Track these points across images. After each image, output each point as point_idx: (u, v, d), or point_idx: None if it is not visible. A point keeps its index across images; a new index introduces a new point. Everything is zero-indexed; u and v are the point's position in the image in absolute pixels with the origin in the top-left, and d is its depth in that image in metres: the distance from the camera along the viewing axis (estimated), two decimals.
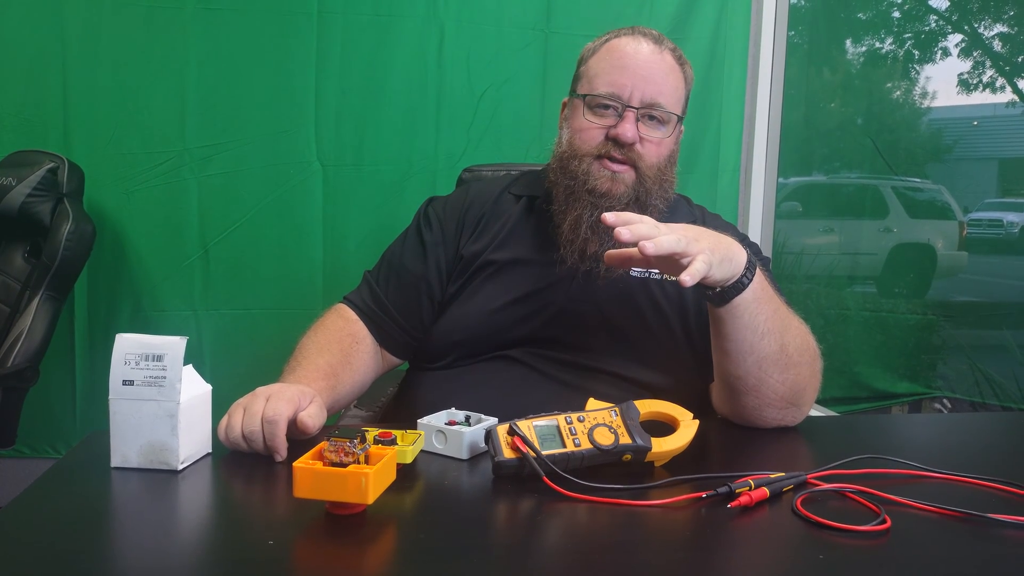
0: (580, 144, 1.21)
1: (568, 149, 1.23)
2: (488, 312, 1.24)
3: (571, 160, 1.22)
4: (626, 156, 1.19)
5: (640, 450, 0.90)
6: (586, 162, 1.20)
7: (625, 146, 1.18)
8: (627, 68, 1.20)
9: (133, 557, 0.71)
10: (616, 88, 1.19)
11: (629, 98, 1.19)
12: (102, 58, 2.15)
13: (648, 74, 1.19)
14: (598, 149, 1.20)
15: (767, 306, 1.04)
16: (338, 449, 0.76)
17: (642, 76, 1.19)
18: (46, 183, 2.00)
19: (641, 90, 1.19)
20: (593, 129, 1.21)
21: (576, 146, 1.22)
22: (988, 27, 4.16)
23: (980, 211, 4.37)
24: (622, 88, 1.19)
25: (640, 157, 1.19)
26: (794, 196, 3.83)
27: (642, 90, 1.19)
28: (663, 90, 1.20)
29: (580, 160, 1.21)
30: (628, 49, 1.21)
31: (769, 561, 0.74)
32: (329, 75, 2.22)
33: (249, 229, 2.24)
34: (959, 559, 0.73)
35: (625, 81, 1.19)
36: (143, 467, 0.88)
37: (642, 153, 1.19)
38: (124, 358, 0.87)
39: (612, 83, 1.20)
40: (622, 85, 1.19)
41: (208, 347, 2.25)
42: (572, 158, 1.22)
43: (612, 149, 1.19)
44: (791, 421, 1.11)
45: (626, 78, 1.19)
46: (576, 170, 1.21)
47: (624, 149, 1.19)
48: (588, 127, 1.21)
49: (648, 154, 1.20)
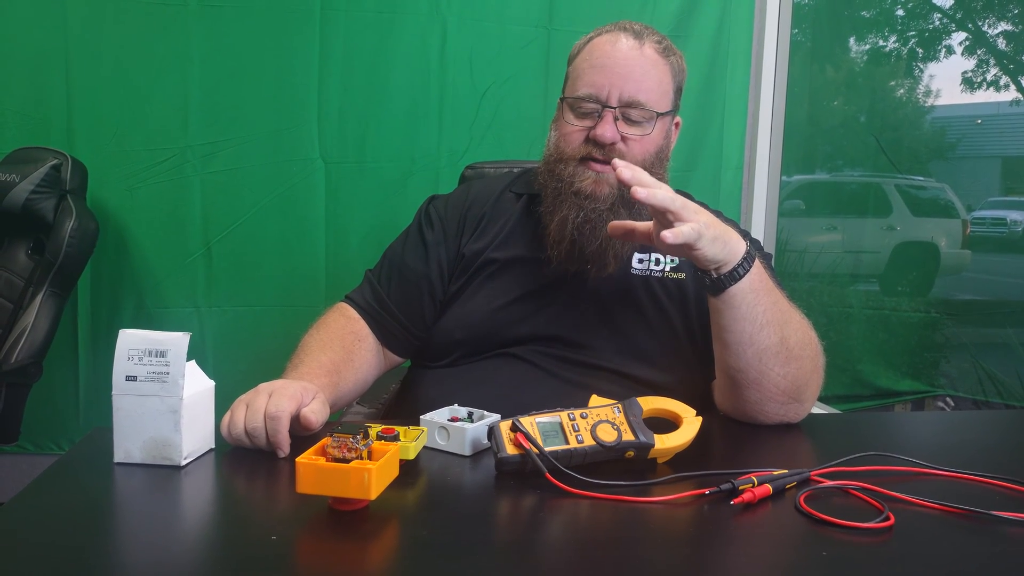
0: (564, 147, 1.22)
1: (554, 152, 1.23)
2: (490, 311, 1.24)
3: (557, 163, 1.22)
4: (608, 156, 1.18)
5: (643, 447, 0.90)
6: (571, 165, 1.20)
7: (606, 146, 1.18)
8: (604, 67, 1.19)
9: (136, 553, 0.71)
10: (594, 88, 1.19)
11: (607, 98, 1.18)
12: (105, 55, 2.15)
13: (626, 71, 1.18)
14: (580, 151, 1.20)
15: (766, 298, 1.04)
16: (341, 445, 0.76)
17: (620, 74, 1.18)
18: (49, 180, 2.00)
19: (619, 88, 1.18)
20: (575, 131, 1.20)
21: (561, 149, 1.22)
22: (992, 25, 4.15)
23: (983, 209, 4.36)
24: (600, 88, 1.18)
25: (623, 156, 1.18)
26: (797, 194, 3.83)
27: (620, 88, 1.18)
28: (642, 87, 1.18)
29: (565, 163, 1.21)
30: (606, 47, 1.20)
31: (772, 558, 0.74)
32: (332, 72, 2.22)
33: (252, 226, 2.24)
34: (962, 556, 0.73)
35: (603, 81, 1.18)
36: (146, 463, 0.88)
37: (625, 152, 1.18)
38: (127, 354, 0.88)
39: (590, 83, 1.19)
40: (600, 85, 1.18)
41: (211, 343, 2.26)
42: (558, 161, 1.22)
43: (594, 150, 1.19)
44: (793, 417, 1.11)
45: (604, 77, 1.18)
46: (562, 173, 1.21)
47: (605, 149, 1.18)
48: (571, 130, 1.21)
49: (632, 152, 1.19)
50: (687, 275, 1.24)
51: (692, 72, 1.71)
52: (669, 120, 1.24)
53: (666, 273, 1.25)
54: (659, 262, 1.25)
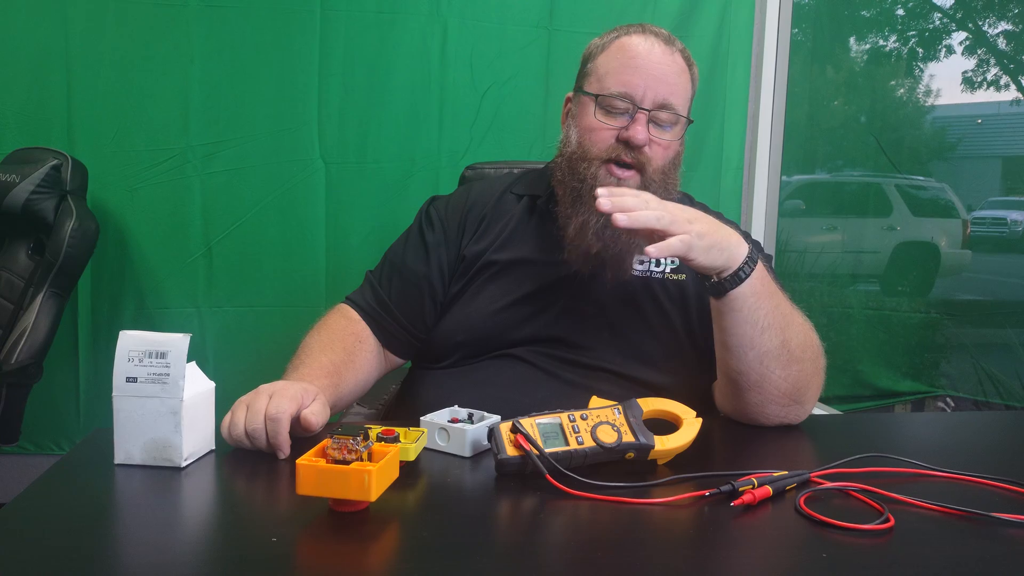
0: (590, 145, 1.20)
1: (577, 149, 1.21)
2: (491, 313, 1.24)
3: (580, 162, 1.20)
4: (635, 159, 1.17)
5: (643, 448, 0.90)
6: (594, 165, 1.19)
7: (635, 148, 1.17)
8: (639, 68, 1.18)
9: (136, 554, 0.71)
10: (628, 88, 1.17)
11: (642, 99, 1.17)
12: (106, 55, 2.15)
13: (661, 75, 1.18)
14: (608, 152, 1.18)
15: (767, 301, 1.04)
16: (341, 446, 0.76)
17: (655, 77, 1.17)
18: (50, 180, 2.00)
19: (654, 91, 1.17)
20: (604, 130, 1.19)
21: (586, 147, 1.20)
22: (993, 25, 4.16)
23: (984, 209, 4.36)
24: (635, 88, 1.17)
25: (649, 160, 1.18)
26: (797, 194, 3.83)
27: (655, 91, 1.17)
28: (675, 91, 1.18)
29: (589, 163, 1.19)
30: (640, 48, 1.19)
31: (772, 559, 0.74)
32: (332, 72, 2.22)
33: (252, 226, 2.24)
34: (962, 558, 0.73)
35: (638, 81, 1.17)
36: (146, 464, 0.88)
37: (650, 156, 1.18)
38: (128, 355, 0.88)
39: (624, 83, 1.18)
40: (635, 85, 1.17)
41: (211, 344, 2.25)
42: (581, 160, 1.20)
43: (623, 152, 1.17)
44: (794, 419, 1.11)
45: (639, 78, 1.17)
46: (584, 173, 1.19)
47: (634, 152, 1.17)
48: (599, 127, 1.19)
49: (656, 157, 1.19)
50: (688, 276, 1.24)
51: None
52: (685, 127, 1.25)
53: (666, 275, 1.25)
54: (659, 263, 1.25)
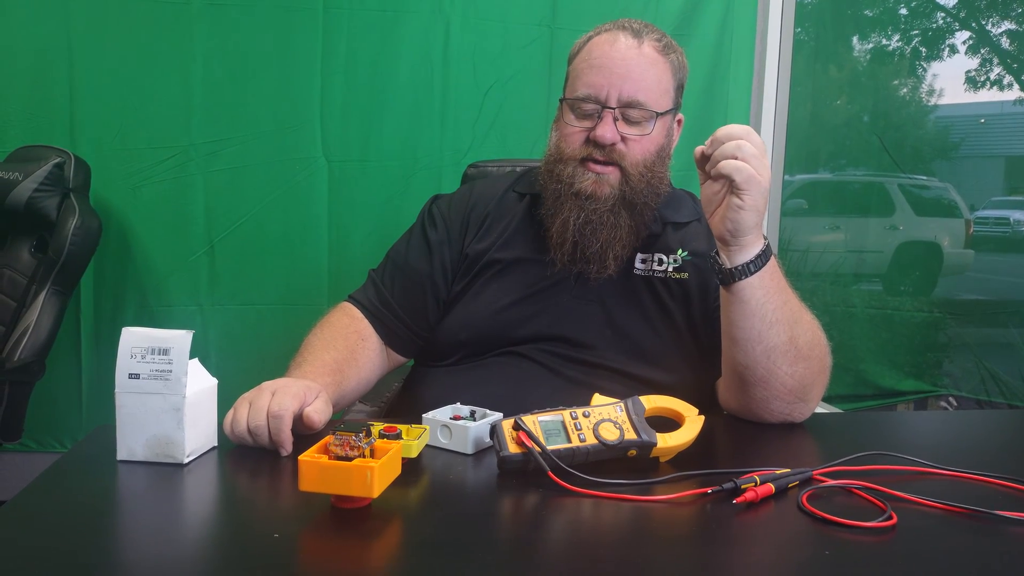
0: (564, 148, 1.22)
1: (554, 152, 1.23)
2: (493, 311, 1.24)
3: (557, 164, 1.22)
4: (608, 157, 1.18)
5: (645, 446, 0.90)
6: (571, 166, 1.20)
7: (606, 147, 1.18)
8: (603, 67, 1.18)
9: (139, 550, 0.72)
10: (593, 89, 1.18)
11: (606, 98, 1.18)
12: (108, 54, 2.15)
13: (624, 71, 1.18)
14: (581, 152, 1.20)
15: (777, 296, 1.05)
16: (343, 443, 0.76)
17: (619, 74, 1.18)
18: (52, 178, 2.00)
19: (618, 88, 1.17)
20: (576, 132, 1.20)
21: (561, 149, 1.22)
22: (996, 24, 4.15)
23: (987, 209, 4.36)
24: (599, 89, 1.18)
25: (623, 156, 1.18)
26: (800, 193, 3.83)
27: (619, 88, 1.17)
28: (642, 86, 1.18)
29: (565, 164, 1.21)
30: (605, 47, 1.20)
31: (774, 557, 0.74)
32: (335, 71, 2.22)
33: (255, 224, 2.24)
34: (965, 555, 0.73)
35: (601, 81, 1.18)
36: (149, 461, 0.88)
37: (625, 152, 1.19)
38: (130, 352, 0.88)
39: (589, 84, 1.19)
40: (599, 86, 1.18)
41: (214, 342, 2.26)
42: (558, 162, 1.22)
43: (594, 151, 1.19)
44: (798, 417, 1.11)
45: (602, 78, 1.18)
46: (561, 174, 1.21)
47: (605, 150, 1.18)
48: (571, 131, 1.21)
49: (632, 152, 1.19)
50: (690, 275, 1.24)
51: (695, 71, 1.71)
52: (670, 118, 1.24)
53: (668, 274, 1.25)
54: (662, 262, 1.25)
